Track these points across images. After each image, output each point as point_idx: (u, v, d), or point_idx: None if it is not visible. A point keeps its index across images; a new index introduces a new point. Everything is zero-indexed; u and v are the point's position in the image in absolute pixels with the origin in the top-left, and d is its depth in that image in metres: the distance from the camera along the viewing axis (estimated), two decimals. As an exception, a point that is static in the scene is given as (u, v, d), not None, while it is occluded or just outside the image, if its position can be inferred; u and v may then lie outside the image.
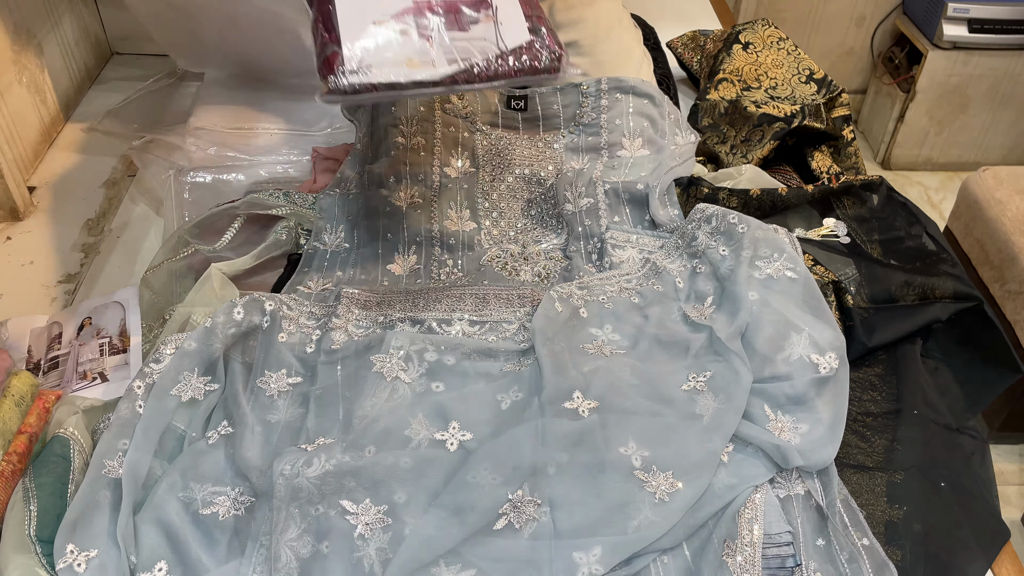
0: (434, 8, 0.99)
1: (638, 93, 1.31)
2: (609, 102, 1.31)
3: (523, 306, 1.06)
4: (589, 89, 1.31)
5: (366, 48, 0.94)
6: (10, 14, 1.41)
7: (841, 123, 1.41)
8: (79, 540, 0.82)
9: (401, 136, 1.25)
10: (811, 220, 1.23)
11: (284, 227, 1.17)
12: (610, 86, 1.31)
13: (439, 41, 0.98)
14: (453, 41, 0.99)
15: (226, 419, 0.94)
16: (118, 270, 1.26)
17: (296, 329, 1.03)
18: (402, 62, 0.95)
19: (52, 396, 0.95)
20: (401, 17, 0.96)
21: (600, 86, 1.31)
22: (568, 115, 1.33)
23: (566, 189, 1.23)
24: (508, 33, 1.02)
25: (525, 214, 1.24)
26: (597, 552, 0.80)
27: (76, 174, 1.44)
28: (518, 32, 1.02)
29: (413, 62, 0.95)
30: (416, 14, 0.98)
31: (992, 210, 1.83)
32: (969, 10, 2.50)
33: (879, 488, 0.92)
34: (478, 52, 1.00)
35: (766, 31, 1.52)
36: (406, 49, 0.95)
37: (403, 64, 0.94)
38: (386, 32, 0.95)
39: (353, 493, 0.84)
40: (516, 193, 1.26)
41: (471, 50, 1.00)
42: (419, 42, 0.96)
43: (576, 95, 1.32)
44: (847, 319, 1.06)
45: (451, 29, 0.99)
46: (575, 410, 0.91)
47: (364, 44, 0.94)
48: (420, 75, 0.95)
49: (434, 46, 0.97)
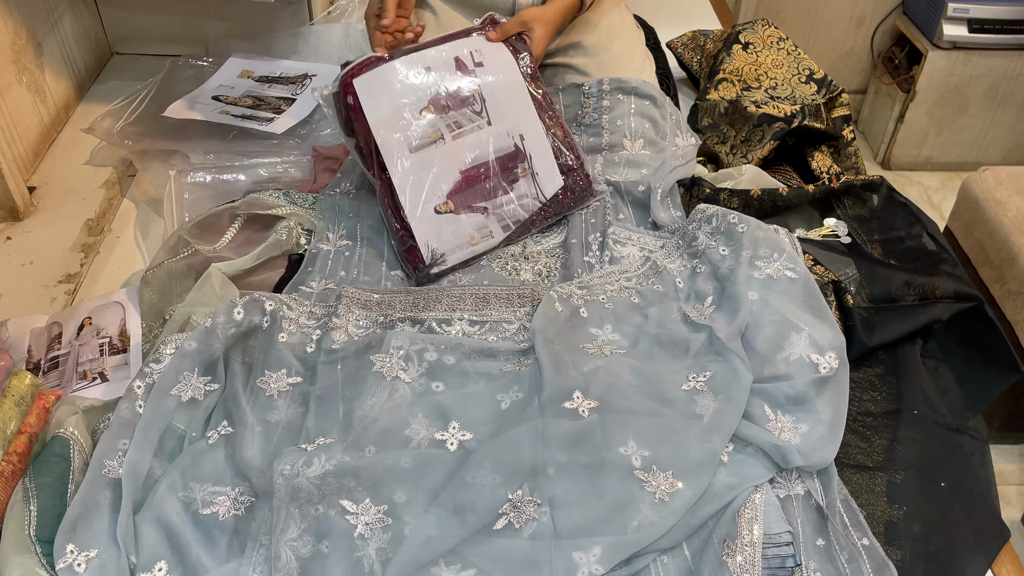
0: (480, 177, 1.14)
1: (640, 94, 1.31)
2: (611, 103, 1.31)
3: (523, 306, 1.06)
4: (591, 90, 1.31)
5: (438, 240, 1.12)
6: (10, 14, 1.41)
7: (841, 123, 1.41)
8: (79, 540, 0.82)
9: None
10: (812, 220, 1.23)
11: (284, 227, 1.17)
12: (612, 87, 1.31)
13: (492, 211, 1.15)
14: (502, 207, 1.16)
15: (226, 419, 0.94)
16: (118, 270, 1.26)
17: (296, 329, 1.03)
18: (466, 241, 1.14)
19: (52, 396, 0.95)
20: (456, 197, 1.13)
21: (602, 87, 1.31)
22: (570, 115, 1.33)
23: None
24: (545, 181, 1.18)
25: None
26: (597, 552, 0.80)
27: (76, 174, 1.44)
28: (552, 178, 1.18)
29: (475, 238, 1.15)
30: (467, 187, 1.14)
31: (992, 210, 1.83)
32: (969, 10, 2.50)
33: (879, 488, 0.92)
34: (524, 211, 1.17)
35: (766, 31, 1.52)
36: (468, 228, 1.14)
37: (467, 243, 1.14)
38: (448, 217, 1.13)
39: (353, 493, 0.84)
40: None
41: (519, 211, 1.17)
42: (477, 218, 1.15)
43: (578, 95, 1.32)
44: (847, 319, 1.06)
45: (498, 195, 1.15)
46: (575, 410, 0.91)
47: (434, 237, 1.12)
48: (482, 248, 1.16)
49: (489, 217, 1.15)
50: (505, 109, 1.17)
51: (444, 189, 1.13)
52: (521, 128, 1.17)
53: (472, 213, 1.14)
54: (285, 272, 1.16)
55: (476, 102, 1.15)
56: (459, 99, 1.15)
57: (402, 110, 1.12)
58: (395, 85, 1.13)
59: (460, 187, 1.14)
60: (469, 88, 1.15)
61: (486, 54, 1.18)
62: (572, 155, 1.20)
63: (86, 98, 1.63)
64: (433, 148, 1.13)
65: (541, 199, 1.17)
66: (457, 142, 1.14)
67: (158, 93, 1.49)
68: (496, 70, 1.18)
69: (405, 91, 1.13)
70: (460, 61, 1.16)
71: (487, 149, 1.15)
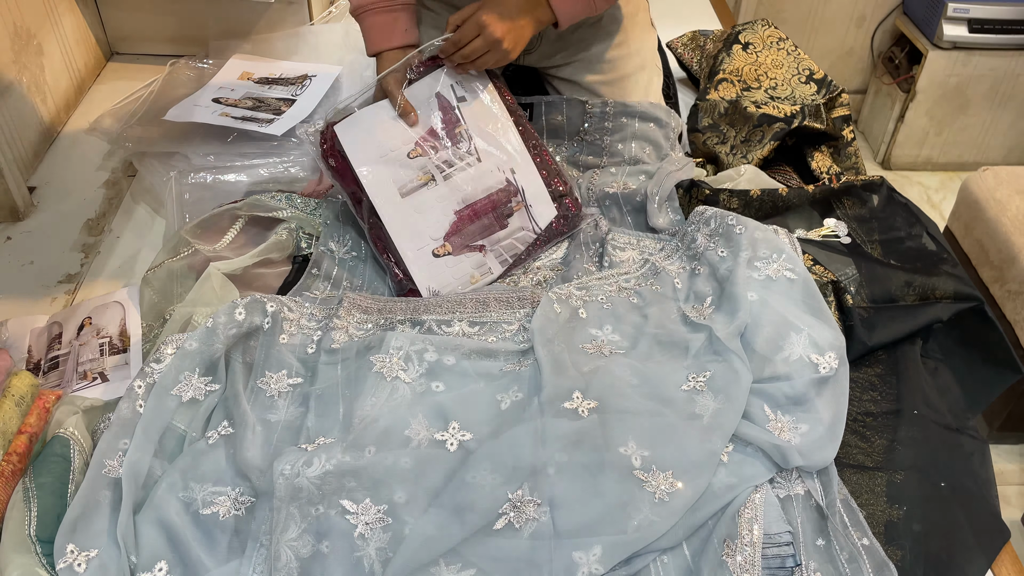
0: (475, 216, 1.13)
1: (645, 117, 1.30)
2: (614, 125, 1.30)
3: (523, 307, 1.06)
4: (594, 110, 1.31)
5: (438, 282, 1.12)
6: (10, 14, 1.41)
7: (841, 123, 1.41)
8: (79, 540, 0.82)
9: None
10: (812, 220, 1.23)
11: (285, 229, 1.17)
12: (616, 111, 1.30)
13: (490, 248, 1.14)
14: (499, 243, 1.15)
15: (226, 419, 0.94)
16: (118, 270, 1.26)
17: (297, 330, 1.03)
18: (466, 281, 1.14)
19: (52, 396, 0.95)
20: (453, 238, 1.12)
21: (606, 109, 1.30)
22: (572, 129, 1.32)
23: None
24: (538, 212, 1.17)
25: None
26: (597, 552, 0.80)
27: (76, 174, 1.44)
28: (545, 208, 1.17)
29: (475, 277, 1.15)
30: (463, 227, 1.13)
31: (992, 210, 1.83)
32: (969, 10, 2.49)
33: (879, 488, 0.92)
34: (520, 244, 1.16)
35: (766, 31, 1.52)
36: (466, 268, 1.14)
37: (467, 282, 1.14)
38: (447, 260, 1.13)
39: (353, 493, 0.84)
40: None
41: (515, 245, 1.16)
42: (475, 257, 1.14)
43: (580, 110, 1.32)
44: (847, 319, 1.06)
45: (494, 232, 1.14)
46: (575, 410, 0.91)
47: (434, 279, 1.12)
48: (481, 284, 1.15)
49: (487, 255, 1.14)
50: (492, 145, 1.15)
51: (440, 232, 1.12)
52: (511, 162, 1.16)
53: (470, 252, 1.14)
54: (290, 275, 1.16)
55: (464, 140, 1.14)
56: (449, 136, 1.14)
57: (388, 155, 1.12)
58: (378, 130, 1.12)
59: (456, 228, 1.13)
60: (454, 127, 1.14)
61: (467, 86, 1.16)
62: (560, 181, 1.19)
63: (86, 98, 1.63)
64: (424, 191, 1.12)
65: (536, 230, 1.17)
66: (448, 183, 1.13)
67: (159, 95, 1.49)
68: (478, 105, 1.16)
69: (390, 135, 1.12)
70: (442, 98, 1.15)
71: (479, 187, 1.14)
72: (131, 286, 1.15)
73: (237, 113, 1.41)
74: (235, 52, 1.59)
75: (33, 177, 1.43)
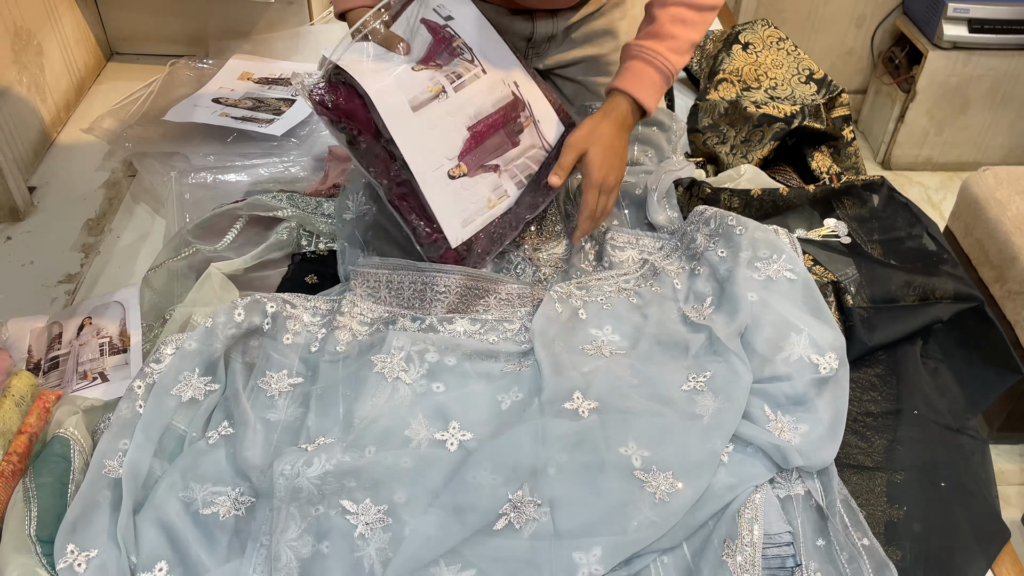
0: (488, 132, 1.09)
1: (647, 121, 1.30)
2: None
3: (524, 306, 1.06)
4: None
5: (457, 210, 1.06)
6: (10, 14, 1.41)
7: (841, 123, 1.40)
8: (79, 540, 0.82)
9: None
10: (812, 220, 1.23)
11: (285, 228, 1.17)
12: None
13: (504, 168, 1.10)
14: (513, 162, 1.11)
15: (226, 419, 0.94)
16: (118, 270, 1.26)
17: (302, 328, 1.03)
18: (484, 205, 1.08)
19: (52, 396, 0.95)
20: (467, 157, 1.07)
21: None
22: None
23: (567, 203, 1.23)
24: (546, 129, 1.14)
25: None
26: (597, 552, 0.80)
27: (76, 174, 1.44)
28: (552, 124, 1.14)
29: (492, 200, 1.09)
30: (477, 145, 1.08)
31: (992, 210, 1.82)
32: (969, 10, 2.49)
33: (879, 488, 0.92)
34: (534, 163, 1.12)
35: (766, 31, 1.52)
36: (483, 190, 1.08)
37: (485, 206, 1.08)
38: (464, 182, 1.07)
39: (353, 493, 0.84)
40: None
41: (529, 164, 1.12)
42: (490, 178, 1.09)
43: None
44: (847, 319, 1.06)
45: (507, 150, 1.10)
46: (575, 410, 0.90)
47: (452, 207, 1.06)
48: (500, 209, 1.10)
49: (502, 176, 1.10)
50: (492, 56, 1.11)
51: (454, 151, 1.07)
52: (513, 75, 1.12)
53: (485, 173, 1.08)
54: (287, 272, 1.16)
55: (465, 51, 1.10)
56: (448, 52, 1.09)
57: (395, 71, 1.05)
58: (382, 56, 1.06)
59: (469, 146, 1.08)
60: (451, 42, 1.09)
61: (450, 6, 1.12)
62: (560, 106, 1.16)
63: (86, 98, 1.63)
64: (435, 105, 1.06)
65: (547, 147, 1.13)
66: (459, 94, 1.07)
67: (158, 95, 1.49)
68: (467, 20, 1.12)
69: (391, 62, 1.07)
70: (428, 22, 1.10)
71: (488, 100, 1.09)
72: (131, 286, 1.15)
73: (237, 113, 1.41)
74: (235, 52, 1.59)
75: (33, 177, 1.43)
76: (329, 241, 1.20)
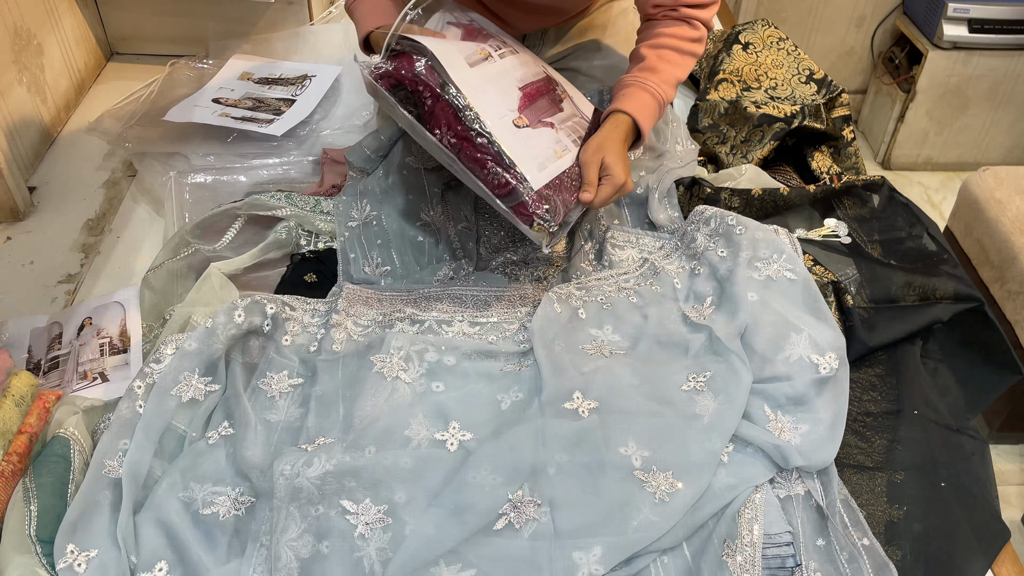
0: (538, 93, 1.14)
1: None
2: None
3: (524, 306, 1.06)
4: (591, 99, 1.30)
5: (529, 154, 1.06)
6: (10, 14, 1.41)
7: (841, 123, 1.40)
8: (79, 540, 0.82)
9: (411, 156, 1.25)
10: (812, 220, 1.23)
11: (284, 227, 1.17)
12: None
13: (559, 126, 1.12)
14: (565, 123, 1.13)
15: (227, 419, 0.94)
16: (118, 270, 1.26)
17: (301, 329, 1.03)
18: (552, 155, 1.09)
19: (52, 396, 0.95)
20: (525, 111, 1.10)
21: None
22: None
23: None
24: (580, 103, 1.18)
25: None
26: (597, 552, 0.80)
27: (76, 174, 1.44)
28: (582, 101, 1.19)
29: (558, 151, 1.10)
30: (531, 103, 1.11)
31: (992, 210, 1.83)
32: (969, 10, 2.49)
33: (879, 488, 0.92)
34: (579, 129, 1.15)
35: (766, 31, 1.52)
36: (548, 141, 1.10)
37: (553, 156, 1.09)
38: (528, 132, 1.08)
39: (353, 493, 0.84)
40: None
41: (576, 127, 1.15)
42: (549, 132, 1.11)
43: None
44: (847, 319, 1.06)
45: (556, 112, 1.14)
46: (575, 410, 0.91)
47: (524, 150, 1.05)
48: (566, 161, 1.09)
49: (559, 132, 1.12)
50: (518, 47, 1.18)
51: (513, 105, 1.10)
52: (539, 62, 1.19)
53: (543, 127, 1.11)
54: (286, 272, 1.16)
55: (494, 37, 1.17)
56: (481, 38, 1.16)
57: (448, 39, 1.12)
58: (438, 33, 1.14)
59: (524, 103, 1.11)
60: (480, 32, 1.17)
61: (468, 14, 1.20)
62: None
63: (86, 98, 1.63)
64: (485, 64, 1.11)
65: (585, 118, 1.17)
66: (503, 60, 1.13)
67: (158, 95, 1.49)
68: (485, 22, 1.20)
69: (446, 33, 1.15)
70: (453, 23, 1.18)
71: (527, 72, 1.15)
72: (131, 286, 1.15)
73: (237, 113, 1.41)
74: (235, 52, 1.59)
75: (33, 177, 1.43)
76: (328, 240, 1.20)
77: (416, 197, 1.21)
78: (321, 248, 1.19)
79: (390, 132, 1.27)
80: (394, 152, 1.26)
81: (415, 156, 1.25)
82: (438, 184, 1.22)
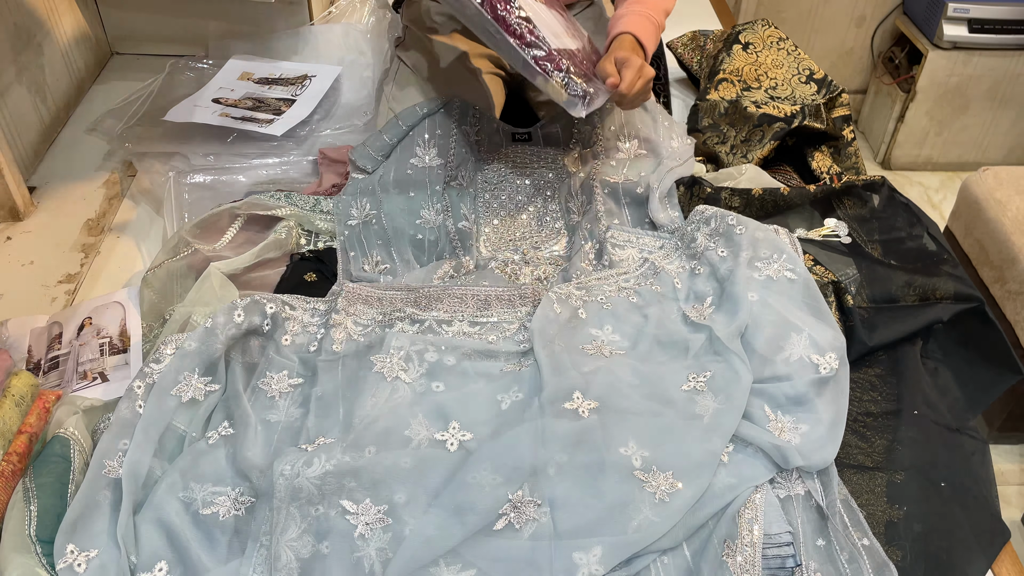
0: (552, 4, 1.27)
1: None
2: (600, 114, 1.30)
3: (524, 305, 1.06)
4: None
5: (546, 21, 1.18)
6: (10, 14, 1.41)
7: (841, 123, 1.41)
8: (79, 540, 0.82)
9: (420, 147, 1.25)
10: (812, 220, 1.23)
11: (284, 227, 1.17)
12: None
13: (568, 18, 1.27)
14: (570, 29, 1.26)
15: (227, 419, 0.94)
16: (118, 270, 1.26)
17: (301, 329, 1.03)
18: (563, 31, 1.20)
19: (52, 396, 0.95)
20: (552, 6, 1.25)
21: None
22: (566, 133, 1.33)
23: (568, 200, 1.23)
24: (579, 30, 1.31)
25: (525, 221, 1.24)
26: (597, 552, 0.80)
27: (76, 174, 1.44)
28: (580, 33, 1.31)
29: (571, 33, 1.23)
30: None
31: (992, 210, 1.83)
32: (969, 10, 2.50)
33: (879, 488, 0.92)
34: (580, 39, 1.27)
35: (766, 31, 1.52)
36: (562, 28, 1.20)
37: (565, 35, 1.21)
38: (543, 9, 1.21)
39: (353, 493, 0.84)
40: (516, 200, 1.26)
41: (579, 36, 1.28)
42: (563, 20, 1.23)
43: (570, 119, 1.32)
44: (847, 319, 1.06)
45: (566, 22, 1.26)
46: (575, 410, 0.90)
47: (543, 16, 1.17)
48: (574, 43, 1.22)
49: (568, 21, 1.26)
50: None
51: None
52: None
53: (553, 10, 1.23)
54: (286, 272, 1.16)
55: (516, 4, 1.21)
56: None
57: None
58: None
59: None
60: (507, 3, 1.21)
61: None
62: None
63: (86, 98, 1.62)
64: None
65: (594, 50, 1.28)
66: None
67: (158, 95, 1.49)
68: None
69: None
70: None
71: None
72: (131, 286, 1.15)
73: (237, 113, 1.41)
74: (235, 52, 1.59)
75: (33, 177, 1.43)
76: (328, 239, 1.20)
77: (416, 195, 1.21)
78: (321, 247, 1.19)
79: (393, 132, 1.28)
80: (395, 152, 1.26)
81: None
82: (438, 183, 1.23)
